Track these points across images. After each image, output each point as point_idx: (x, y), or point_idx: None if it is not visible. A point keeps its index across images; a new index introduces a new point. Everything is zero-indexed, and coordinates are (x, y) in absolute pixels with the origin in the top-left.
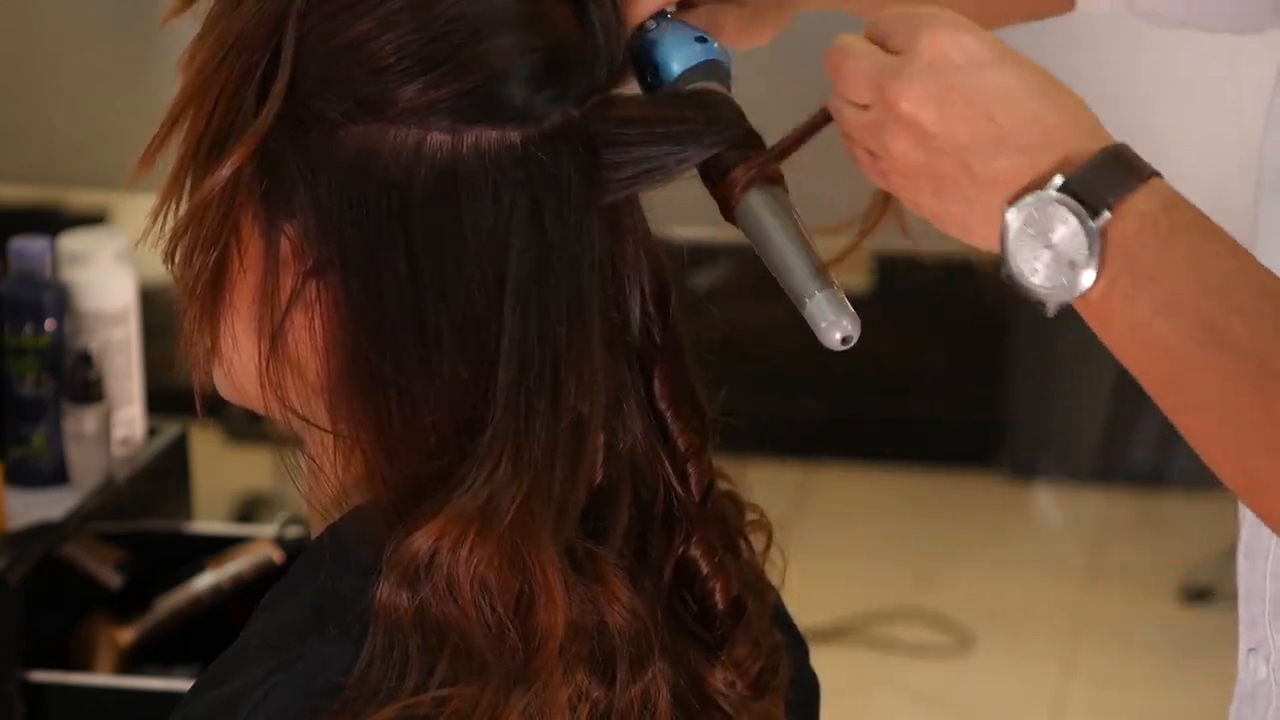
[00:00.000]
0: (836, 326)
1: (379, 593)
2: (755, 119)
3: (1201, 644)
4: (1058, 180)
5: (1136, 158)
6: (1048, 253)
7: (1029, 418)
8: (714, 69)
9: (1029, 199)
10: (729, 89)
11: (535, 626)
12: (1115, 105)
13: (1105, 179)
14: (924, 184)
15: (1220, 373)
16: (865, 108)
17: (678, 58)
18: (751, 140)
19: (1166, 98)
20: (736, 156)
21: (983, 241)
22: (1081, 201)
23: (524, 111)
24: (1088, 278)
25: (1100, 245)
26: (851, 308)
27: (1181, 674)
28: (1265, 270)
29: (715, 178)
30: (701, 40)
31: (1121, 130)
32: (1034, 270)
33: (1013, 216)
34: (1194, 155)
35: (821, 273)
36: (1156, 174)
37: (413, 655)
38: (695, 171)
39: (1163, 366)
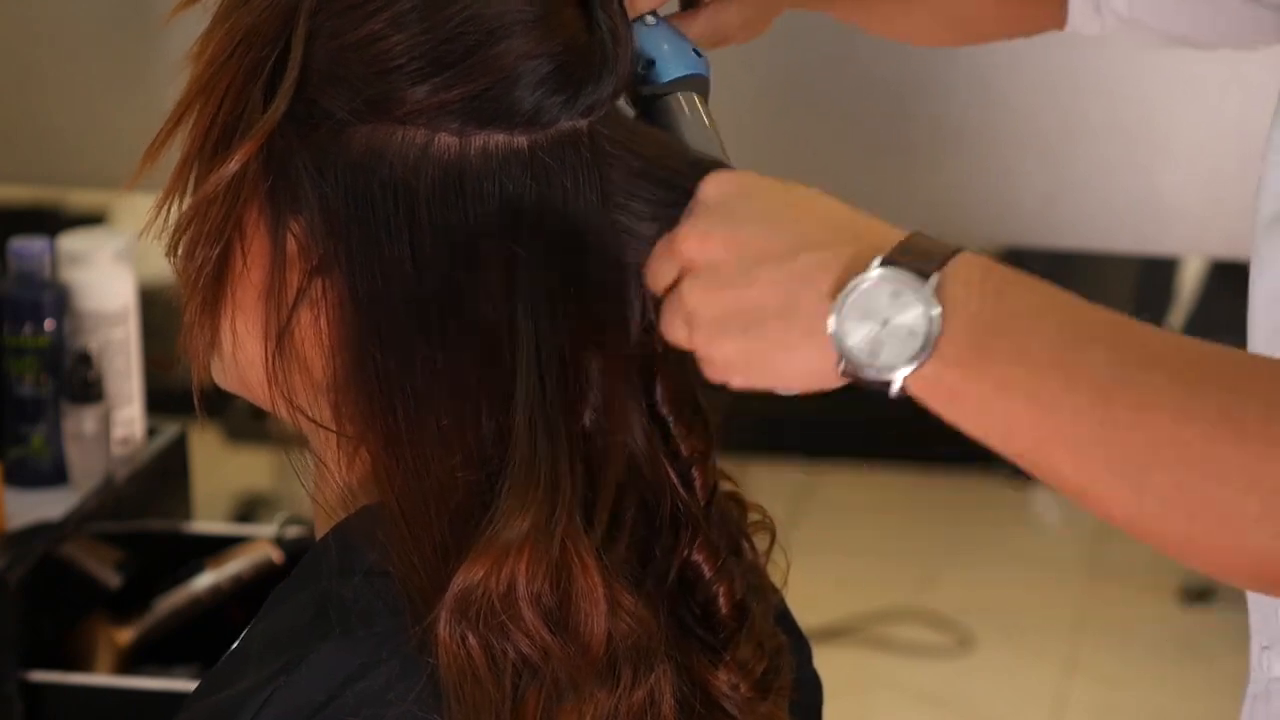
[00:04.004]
0: None
1: (439, 634)
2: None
3: (1201, 644)
4: (875, 261)
5: (935, 239)
6: (884, 330)
7: None
8: (702, 84)
9: (849, 287)
10: (707, 99)
11: (581, 634)
12: (1115, 104)
13: (918, 255)
14: (732, 326)
15: (1094, 417)
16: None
17: (675, 63)
18: None
19: (1166, 96)
20: None
21: (804, 370)
22: (907, 270)
23: (532, 116)
24: (931, 340)
25: (937, 302)
26: None
27: (1181, 674)
28: (1101, 308)
29: None
30: (697, 53)
31: (1121, 128)
32: (874, 351)
33: (836, 307)
34: (1194, 153)
35: None
36: (960, 248)
37: (490, 691)
38: None
39: (1029, 425)
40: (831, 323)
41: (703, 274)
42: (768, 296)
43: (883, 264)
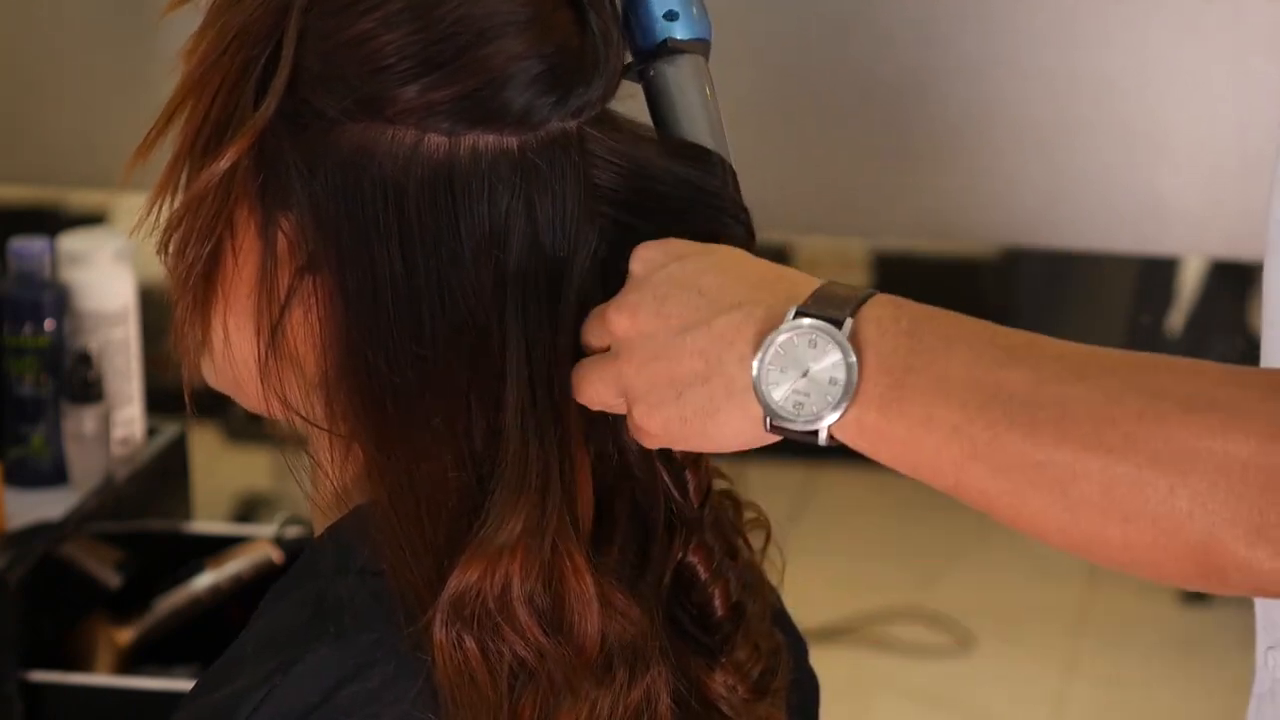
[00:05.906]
0: None
1: (435, 636)
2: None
3: (1201, 644)
4: (789, 314)
5: (849, 286)
6: (805, 380)
7: None
8: (708, 52)
9: (766, 343)
10: (707, 58)
11: (575, 634)
12: (1115, 101)
13: (831, 303)
14: (665, 396)
15: (1016, 438)
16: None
17: (699, 22)
18: (741, 215)
19: (1166, 95)
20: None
21: (734, 431)
22: (821, 319)
23: (522, 117)
24: (851, 385)
25: (854, 349)
26: None
27: (1181, 674)
28: (1011, 330)
29: None
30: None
31: (1121, 125)
32: (799, 403)
33: (756, 365)
34: (1194, 152)
35: None
36: (872, 291)
37: (487, 693)
38: None
39: (955, 457)
40: (754, 381)
41: (635, 348)
42: (694, 364)
43: (796, 315)
